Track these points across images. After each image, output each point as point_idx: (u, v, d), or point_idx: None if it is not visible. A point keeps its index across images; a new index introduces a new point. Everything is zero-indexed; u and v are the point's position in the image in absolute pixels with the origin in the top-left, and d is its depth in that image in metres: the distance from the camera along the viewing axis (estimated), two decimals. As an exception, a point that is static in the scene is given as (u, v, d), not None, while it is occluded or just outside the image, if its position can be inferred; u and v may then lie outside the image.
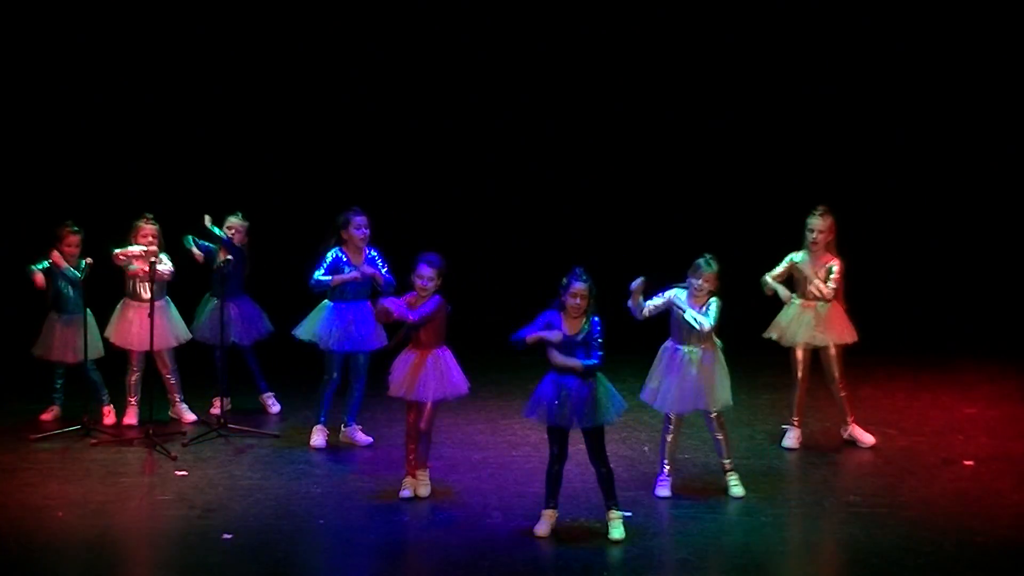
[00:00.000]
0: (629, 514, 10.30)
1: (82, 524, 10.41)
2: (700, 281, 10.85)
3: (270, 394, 13.29)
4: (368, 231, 12.09)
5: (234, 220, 12.91)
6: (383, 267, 12.09)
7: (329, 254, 12.03)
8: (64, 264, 12.55)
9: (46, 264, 12.63)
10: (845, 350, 12.17)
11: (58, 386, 12.91)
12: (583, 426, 10.17)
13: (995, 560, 9.86)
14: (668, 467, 11.13)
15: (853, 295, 12.26)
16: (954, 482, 11.42)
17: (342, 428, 12.38)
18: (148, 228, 12.60)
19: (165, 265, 12.55)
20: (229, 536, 10.18)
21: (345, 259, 12.06)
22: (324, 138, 17.23)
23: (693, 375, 10.93)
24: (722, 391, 11.01)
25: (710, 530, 10.45)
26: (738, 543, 10.29)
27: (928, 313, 16.79)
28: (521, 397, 13.14)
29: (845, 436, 12.32)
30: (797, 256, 12.10)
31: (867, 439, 12.24)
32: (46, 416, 12.87)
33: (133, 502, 10.92)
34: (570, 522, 10.45)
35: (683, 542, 10.26)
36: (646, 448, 12.05)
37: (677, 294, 10.87)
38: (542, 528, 10.29)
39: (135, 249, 12.44)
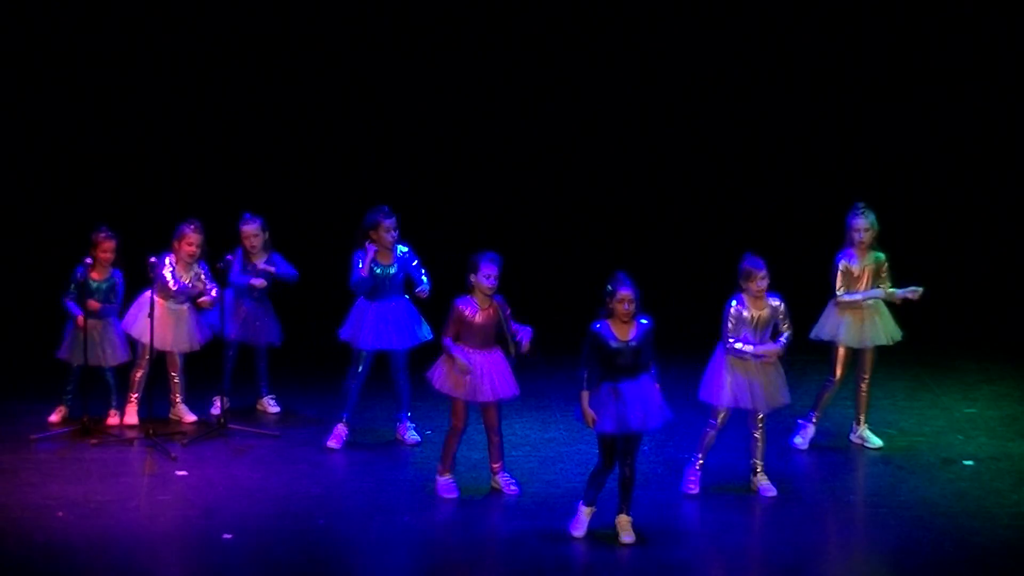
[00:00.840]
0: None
1: (82, 524, 10.41)
2: (765, 282, 10.83)
3: (271, 397, 13.24)
4: (397, 232, 11.98)
5: (246, 228, 12.75)
6: (416, 265, 12.00)
7: (359, 261, 11.81)
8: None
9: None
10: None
11: (70, 388, 12.76)
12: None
13: (995, 560, 9.87)
14: (701, 462, 11.15)
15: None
16: (954, 482, 11.42)
17: (397, 425, 12.32)
18: (196, 237, 12.52)
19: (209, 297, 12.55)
20: (229, 536, 10.18)
21: (375, 264, 11.92)
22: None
23: (763, 372, 10.98)
24: (783, 390, 11.06)
25: (711, 530, 10.45)
26: (738, 543, 10.29)
27: (928, 313, 16.75)
28: (520, 397, 13.12)
29: (854, 438, 12.28)
30: (852, 262, 12.02)
31: (875, 441, 12.22)
32: (54, 417, 12.72)
33: (133, 502, 10.92)
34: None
35: (683, 542, 10.26)
36: (646, 448, 12.04)
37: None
38: (580, 528, 10.20)
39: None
